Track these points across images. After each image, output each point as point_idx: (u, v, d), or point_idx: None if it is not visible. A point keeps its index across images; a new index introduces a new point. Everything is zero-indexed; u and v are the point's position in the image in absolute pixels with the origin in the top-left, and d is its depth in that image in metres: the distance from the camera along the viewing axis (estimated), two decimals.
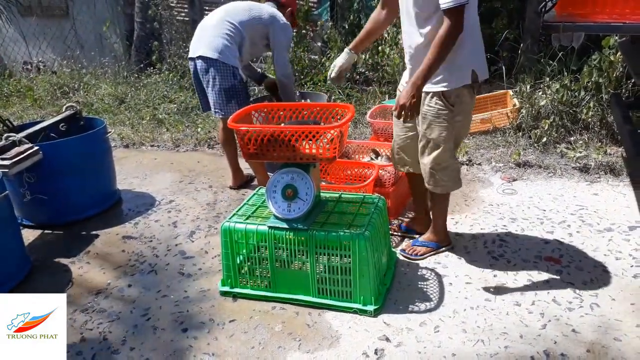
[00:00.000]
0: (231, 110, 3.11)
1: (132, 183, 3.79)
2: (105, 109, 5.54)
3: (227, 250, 2.34)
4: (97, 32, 6.97)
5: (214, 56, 3.08)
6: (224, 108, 3.19)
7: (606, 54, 4.13)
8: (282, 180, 2.24)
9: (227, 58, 3.10)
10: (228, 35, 3.11)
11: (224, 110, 3.19)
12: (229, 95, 3.15)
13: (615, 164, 3.59)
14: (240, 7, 3.21)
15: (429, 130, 2.34)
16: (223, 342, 2.12)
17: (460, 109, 2.30)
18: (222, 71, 3.11)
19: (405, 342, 2.06)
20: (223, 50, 3.09)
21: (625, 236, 2.77)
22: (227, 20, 3.14)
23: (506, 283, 2.41)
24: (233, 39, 3.12)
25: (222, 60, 3.09)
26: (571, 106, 4.14)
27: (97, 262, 2.76)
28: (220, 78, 3.12)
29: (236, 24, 3.13)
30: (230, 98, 3.16)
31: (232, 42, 3.12)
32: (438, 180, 2.45)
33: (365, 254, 2.14)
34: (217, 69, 3.11)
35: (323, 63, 5.45)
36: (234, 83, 3.14)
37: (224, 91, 3.14)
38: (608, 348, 1.99)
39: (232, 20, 3.13)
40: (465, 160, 3.84)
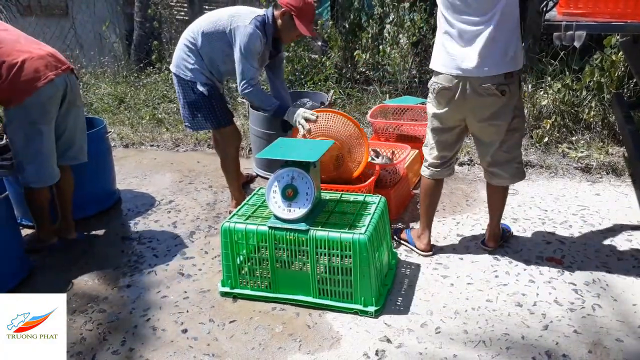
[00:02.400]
0: (199, 125, 3.03)
1: (131, 183, 3.78)
2: (104, 108, 5.53)
3: (227, 251, 2.33)
4: (96, 32, 6.96)
5: (174, 70, 2.96)
6: (191, 122, 3.03)
7: (608, 54, 4.11)
8: (282, 180, 2.23)
9: (184, 72, 2.91)
10: (186, 47, 2.90)
11: (192, 124, 3.04)
12: (192, 109, 2.96)
13: (617, 164, 3.58)
14: (212, 15, 2.91)
15: None
16: (223, 342, 2.10)
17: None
18: (182, 86, 2.95)
19: (407, 343, 2.05)
20: (179, 64, 2.92)
21: (627, 236, 2.76)
22: (190, 30, 2.91)
23: (508, 284, 2.40)
24: (192, 51, 2.88)
25: (180, 75, 2.92)
26: (573, 106, 4.13)
27: (97, 262, 2.75)
28: (182, 93, 2.97)
29: (195, 33, 2.87)
30: (195, 112, 2.97)
31: (190, 55, 2.89)
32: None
33: (366, 254, 2.12)
34: (178, 83, 2.96)
35: (323, 62, 5.44)
36: (194, 98, 2.93)
37: (187, 105, 2.98)
38: (610, 349, 1.98)
39: (194, 29, 2.89)
40: (467, 160, 3.83)
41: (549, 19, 2.21)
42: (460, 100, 2.26)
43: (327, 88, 5.15)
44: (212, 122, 3.01)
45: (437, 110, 2.37)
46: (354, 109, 4.90)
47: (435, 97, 2.35)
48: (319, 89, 5.09)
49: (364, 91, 5.26)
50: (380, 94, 5.03)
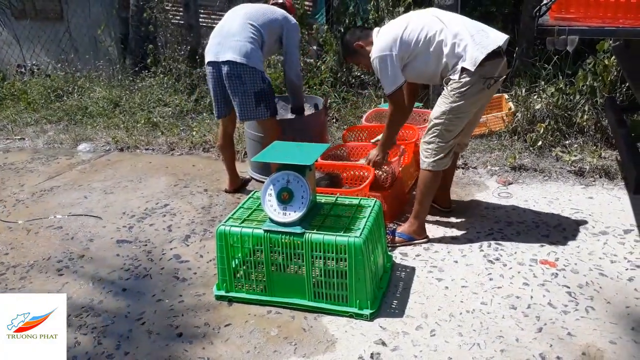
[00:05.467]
0: (260, 114, 3.18)
1: (126, 187, 3.78)
2: (99, 112, 5.52)
3: (223, 254, 2.33)
4: (91, 35, 6.95)
5: (243, 61, 3.04)
6: (252, 112, 3.17)
7: (601, 58, 4.15)
8: (277, 183, 2.23)
9: (255, 63, 3.08)
10: (253, 39, 3.09)
11: (253, 114, 3.18)
12: (258, 98, 3.14)
13: (610, 168, 3.61)
14: (258, 10, 3.21)
15: None
16: (218, 346, 2.10)
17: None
18: (251, 76, 3.08)
19: (402, 346, 2.06)
20: (251, 55, 3.06)
21: (620, 239, 2.78)
22: (250, 23, 3.12)
23: (502, 286, 2.41)
24: (257, 43, 3.11)
25: (251, 65, 3.06)
26: (566, 110, 4.16)
27: (92, 266, 2.74)
28: (250, 82, 3.09)
29: (258, 27, 3.12)
30: (259, 101, 3.14)
31: (257, 46, 3.11)
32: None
33: (361, 257, 2.13)
34: (247, 73, 3.08)
35: (319, 66, 5.46)
36: (262, 87, 3.13)
37: (253, 95, 3.12)
38: (604, 351, 1.99)
39: (254, 23, 3.12)
40: (461, 164, 3.85)
41: (541, 23, 2.23)
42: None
43: (323, 92, 5.16)
44: (272, 110, 3.24)
45: (479, 96, 2.57)
46: (349, 112, 4.92)
47: (484, 84, 2.53)
48: (315, 92, 5.11)
49: (359, 95, 5.28)
50: (376, 97, 5.05)
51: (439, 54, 2.54)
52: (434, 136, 2.64)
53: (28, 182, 3.96)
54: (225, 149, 3.50)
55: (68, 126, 5.37)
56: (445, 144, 2.64)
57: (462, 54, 2.48)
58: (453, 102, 2.54)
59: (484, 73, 2.48)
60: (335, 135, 4.47)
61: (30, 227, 3.21)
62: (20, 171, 4.23)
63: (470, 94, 2.52)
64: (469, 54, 2.45)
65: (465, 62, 2.46)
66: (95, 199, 3.59)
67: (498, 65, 2.52)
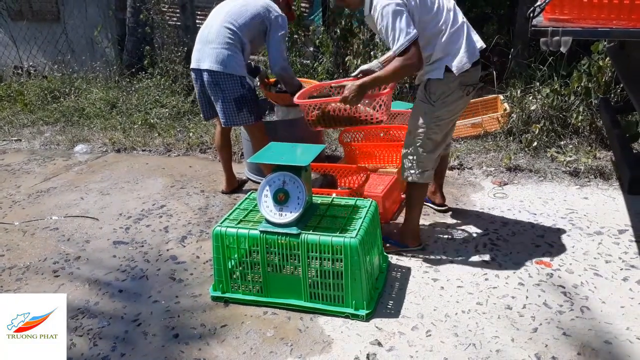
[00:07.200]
0: (243, 119, 3.14)
1: (123, 188, 3.77)
2: (96, 113, 5.52)
3: (219, 255, 2.33)
4: (88, 37, 6.94)
5: (220, 69, 3.01)
6: (235, 118, 3.13)
7: (595, 59, 4.17)
8: (273, 184, 2.24)
9: (234, 69, 3.03)
10: (229, 44, 3.01)
11: (236, 120, 3.14)
12: (239, 104, 3.10)
13: (605, 168, 3.63)
14: (240, 7, 3.09)
15: None
16: (214, 347, 2.10)
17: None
18: (229, 83, 3.04)
19: (397, 346, 2.06)
20: (227, 61, 3.01)
21: (614, 239, 2.79)
22: (227, 26, 3.03)
23: (497, 287, 2.42)
24: (235, 47, 3.04)
25: (228, 72, 3.02)
26: (561, 111, 4.18)
27: (88, 267, 2.74)
28: (229, 90, 3.05)
29: (236, 30, 3.03)
30: (240, 107, 3.10)
31: (235, 51, 3.04)
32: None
33: (357, 258, 2.14)
34: (225, 81, 3.04)
35: (315, 68, 5.46)
36: (242, 92, 3.08)
37: (234, 101, 3.08)
38: (599, 351, 2.00)
39: (233, 26, 3.03)
40: (457, 165, 3.86)
41: (535, 24, 2.23)
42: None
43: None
44: (255, 115, 3.19)
45: (458, 102, 2.49)
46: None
47: (463, 91, 2.47)
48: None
49: None
50: None
51: (433, 39, 2.37)
52: (415, 146, 2.55)
53: (24, 184, 3.96)
54: (222, 149, 3.50)
55: (65, 127, 5.36)
56: (428, 154, 2.55)
57: (452, 51, 2.38)
58: (433, 110, 2.46)
59: (465, 80, 2.42)
60: (332, 137, 4.48)
61: (27, 229, 3.21)
62: (17, 172, 4.22)
63: (450, 101, 2.45)
64: (459, 58, 2.38)
65: (450, 62, 2.37)
66: (91, 200, 3.59)
67: (477, 72, 2.49)
